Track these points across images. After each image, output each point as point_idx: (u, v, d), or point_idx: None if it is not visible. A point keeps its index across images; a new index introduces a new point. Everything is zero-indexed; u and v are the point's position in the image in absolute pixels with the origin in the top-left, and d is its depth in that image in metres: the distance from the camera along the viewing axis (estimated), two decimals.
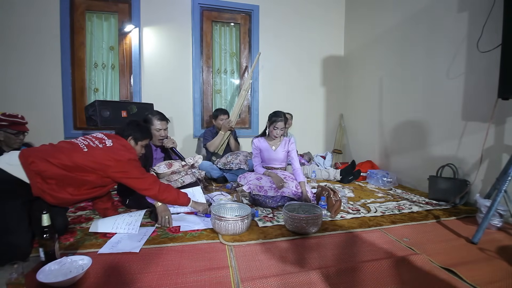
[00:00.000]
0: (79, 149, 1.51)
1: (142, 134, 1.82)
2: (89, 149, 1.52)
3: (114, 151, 1.57)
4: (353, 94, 4.02)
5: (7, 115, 2.10)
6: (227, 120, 3.12)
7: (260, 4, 3.84)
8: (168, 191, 1.68)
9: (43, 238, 1.18)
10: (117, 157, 1.54)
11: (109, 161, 1.52)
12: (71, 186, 1.47)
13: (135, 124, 1.84)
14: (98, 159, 1.50)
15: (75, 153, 1.48)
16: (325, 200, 2.01)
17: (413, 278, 1.21)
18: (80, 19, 3.33)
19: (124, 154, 1.58)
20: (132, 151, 1.67)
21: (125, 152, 1.60)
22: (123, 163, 1.55)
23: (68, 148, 1.50)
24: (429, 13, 2.72)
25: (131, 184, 1.59)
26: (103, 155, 1.53)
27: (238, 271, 1.24)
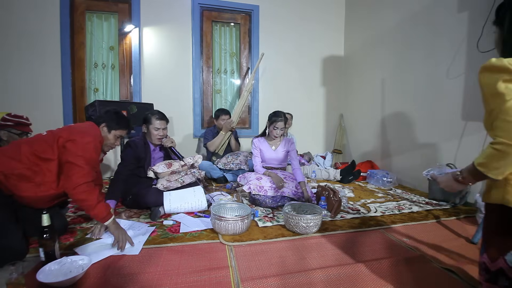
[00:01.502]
0: (38, 134, 1.50)
1: (117, 123, 1.67)
2: (49, 131, 1.50)
3: (77, 126, 1.52)
4: (353, 94, 4.02)
5: (12, 116, 2.11)
6: (228, 121, 3.12)
7: (260, 4, 3.84)
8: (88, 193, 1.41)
9: (43, 238, 1.18)
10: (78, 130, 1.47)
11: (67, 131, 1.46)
12: (31, 182, 1.38)
13: (113, 111, 1.70)
14: (58, 132, 1.46)
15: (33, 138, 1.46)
16: (325, 200, 2.01)
17: (413, 278, 1.21)
18: (80, 19, 3.33)
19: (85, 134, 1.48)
20: (97, 136, 1.54)
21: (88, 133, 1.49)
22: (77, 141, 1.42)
23: (28, 138, 1.50)
24: (429, 13, 2.72)
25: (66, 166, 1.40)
26: (63, 129, 1.49)
27: (238, 271, 1.24)
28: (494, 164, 0.81)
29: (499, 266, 0.84)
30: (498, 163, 0.80)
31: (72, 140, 1.43)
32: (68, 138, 1.43)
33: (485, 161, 0.83)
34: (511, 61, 0.79)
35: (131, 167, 2.06)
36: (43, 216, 1.19)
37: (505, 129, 0.78)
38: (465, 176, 0.93)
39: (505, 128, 0.78)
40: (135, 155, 2.10)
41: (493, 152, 0.81)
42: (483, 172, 0.84)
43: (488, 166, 0.83)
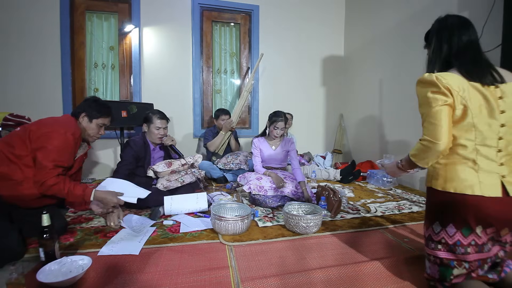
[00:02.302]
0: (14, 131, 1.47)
1: (98, 111, 1.58)
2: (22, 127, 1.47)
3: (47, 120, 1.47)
4: (353, 94, 4.02)
5: (14, 116, 2.11)
6: (228, 121, 3.12)
7: (260, 4, 3.84)
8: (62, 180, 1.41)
9: (43, 238, 1.18)
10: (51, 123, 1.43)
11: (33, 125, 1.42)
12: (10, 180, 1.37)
13: (92, 99, 1.63)
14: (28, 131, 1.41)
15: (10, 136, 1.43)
16: (325, 200, 2.01)
17: (413, 278, 1.21)
18: (80, 19, 3.33)
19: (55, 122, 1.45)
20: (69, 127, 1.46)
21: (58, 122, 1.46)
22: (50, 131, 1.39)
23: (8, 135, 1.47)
24: (429, 13, 2.72)
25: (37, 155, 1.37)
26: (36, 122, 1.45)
27: (238, 271, 1.24)
28: (421, 155, 1.06)
29: (428, 233, 1.12)
30: (424, 155, 1.05)
31: (40, 130, 1.41)
32: (36, 130, 1.41)
33: (415, 153, 1.08)
34: (439, 76, 1.00)
35: (131, 166, 2.06)
36: (43, 216, 1.19)
37: (429, 129, 1.01)
38: (404, 164, 1.18)
39: (429, 128, 1.01)
40: (135, 154, 2.10)
41: (420, 147, 1.05)
42: (414, 161, 1.08)
43: (418, 157, 1.07)
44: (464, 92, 0.99)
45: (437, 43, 1.14)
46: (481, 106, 1.00)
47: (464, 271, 1.03)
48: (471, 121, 1.00)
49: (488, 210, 0.98)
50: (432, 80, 1.01)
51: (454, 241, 1.02)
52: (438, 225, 1.07)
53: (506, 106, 1.00)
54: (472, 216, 0.99)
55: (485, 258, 1.03)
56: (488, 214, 0.98)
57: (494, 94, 1.01)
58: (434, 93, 1.01)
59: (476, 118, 1.00)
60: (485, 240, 1.02)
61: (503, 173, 1.00)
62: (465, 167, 1.02)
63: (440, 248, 1.06)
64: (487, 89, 1.00)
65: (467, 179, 1.00)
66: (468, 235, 1.01)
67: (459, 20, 1.14)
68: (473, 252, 1.01)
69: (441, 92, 0.99)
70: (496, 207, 0.98)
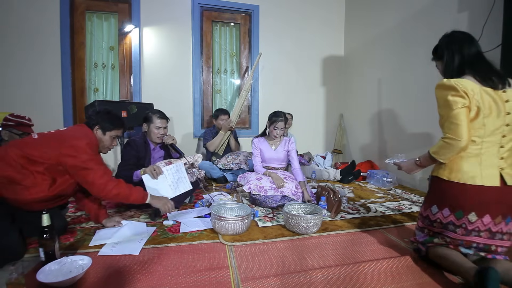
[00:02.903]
0: (29, 138, 1.44)
1: (112, 124, 1.60)
2: (39, 135, 1.44)
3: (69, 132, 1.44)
4: (353, 94, 4.02)
5: (14, 116, 2.12)
6: (227, 120, 3.12)
7: (260, 4, 3.84)
8: (119, 186, 1.50)
9: (43, 238, 1.18)
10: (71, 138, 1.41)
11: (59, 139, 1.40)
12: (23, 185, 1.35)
13: (104, 112, 1.63)
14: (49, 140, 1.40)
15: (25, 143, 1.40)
16: (325, 200, 2.01)
17: (413, 278, 1.21)
18: (80, 19, 3.33)
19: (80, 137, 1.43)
20: (92, 138, 1.51)
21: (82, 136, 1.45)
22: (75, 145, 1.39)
23: (18, 141, 1.43)
24: (429, 13, 2.72)
25: (79, 174, 1.43)
26: (55, 135, 1.42)
27: (238, 271, 1.24)
28: (443, 152, 1.19)
29: (427, 213, 1.32)
30: (446, 151, 1.18)
31: (69, 146, 1.40)
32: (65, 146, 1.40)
33: (437, 150, 1.21)
34: (457, 81, 1.15)
35: (132, 166, 2.06)
36: (43, 216, 1.19)
37: (451, 129, 1.15)
38: (422, 161, 1.32)
39: (452, 128, 1.15)
40: (136, 154, 2.10)
41: (443, 144, 1.18)
42: (436, 158, 1.22)
43: (439, 154, 1.21)
44: (478, 95, 1.14)
45: (449, 55, 1.28)
46: (491, 108, 1.15)
47: (443, 242, 1.25)
48: (482, 120, 1.15)
49: (485, 198, 1.14)
50: (452, 85, 1.15)
51: (447, 221, 1.23)
52: (436, 208, 1.27)
53: (511, 108, 1.16)
54: (468, 203, 1.16)
55: (469, 241, 1.19)
56: (484, 202, 1.15)
57: (502, 97, 1.16)
58: (453, 96, 1.15)
59: (486, 118, 1.15)
60: (478, 228, 1.17)
61: (503, 166, 1.16)
62: (470, 161, 1.17)
63: (435, 226, 1.28)
64: (496, 93, 1.16)
65: (470, 171, 1.16)
66: (460, 218, 1.19)
67: (464, 35, 1.31)
68: (460, 233, 1.20)
69: (460, 95, 1.14)
70: (493, 196, 1.14)
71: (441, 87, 1.20)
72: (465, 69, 1.22)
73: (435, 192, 1.29)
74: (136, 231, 1.63)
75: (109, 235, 1.55)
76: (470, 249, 1.19)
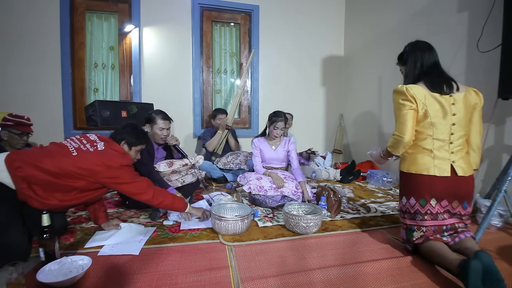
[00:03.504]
0: (68, 153, 1.42)
1: (137, 139, 1.68)
2: (79, 153, 1.44)
3: (105, 156, 1.46)
4: (353, 94, 4.02)
5: (13, 116, 2.12)
6: (224, 119, 3.13)
7: (260, 4, 3.84)
8: (163, 195, 1.60)
9: (43, 238, 1.18)
10: (108, 162, 1.44)
11: (99, 167, 1.41)
12: (58, 192, 1.39)
13: (130, 127, 1.70)
14: (88, 165, 1.40)
15: (63, 158, 1.39)
16: (325, 200, 2.01)
17: (413, 278, 1.21)
18: (80, 19, 3.33)
19: (116, 160, 1.47)
20: (126, 157, 1.57)
21: (117, 158, 1.49)
22: (114, 169, 1.45)
23: (56, 152, 1.42)
24: (429, 13, 2.72)
25: (123, 189, 1.51)
26: (93, 159, 1.43)
27: (238, 271, 1.24)
28: (394, 146, 1.42)
29: (400, 206, 1.49)
30: (395, 146, 1.41)
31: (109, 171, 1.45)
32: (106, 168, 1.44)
33: (390, 144, 1.44)
34: (407, 88, 1.37)
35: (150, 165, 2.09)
36: (43, 216, 1.19)
37: (398, 127, 1.38)
38: (384, 153, 1.53)
39: (398, 126, 1.38)
40: (148, 154, 2.11)
41: (393, 140, 1.42)
42: (390, 151, 1.45)
43: (392, 147, 1.43)
44: (425, 100, 1.35)
45: (412, 62, 1.47)
46: (438, 111, 1.35)
47: (422, 234, 1.37)
48: (429, 121, 1.36)
49: (440, 186, 1.34)
50: (402, 91, 1.38)
51: (414, 210, 1.39)
52: (404, 199, 1.44)
53: (457, 110, 1.36)
54: (427, 190, 1.35)
55: (440, 225, 1.36)
56: (440, 189, 1.34)
57: (449, 101, 1.36)
58: (403, 100, 1.37)
59: (434, 119, 1.35)
60: (440, 211, 1.35)
61: (453, 159, 1.35)
62: (424, 155, 1.37)
63: (405, 217, 1.44)
64: (443, 98, 1.36)
65: (425, 163, 1.36)
66: (424, 205, 1.36)
67: (425, 44, 1.48)
68: (429, 219, 1.36)
69: (408, 99, 1.36)
70: (447, 184, 1.34)
71: (395, 92, 1.43)
72: (422, 76, 1.43)
73: (402, 184, 1.49)
74: (134, 233, 1.63)
75: (106, 237, 1.54)
76: (445, 235, 1.35)
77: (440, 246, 1.29)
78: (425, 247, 1.33)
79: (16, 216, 1.32)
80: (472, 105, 1.38)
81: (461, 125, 1.37)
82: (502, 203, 1.76)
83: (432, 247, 1.30)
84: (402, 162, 1.46)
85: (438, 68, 1.43)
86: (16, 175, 1.29)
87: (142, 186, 1.53)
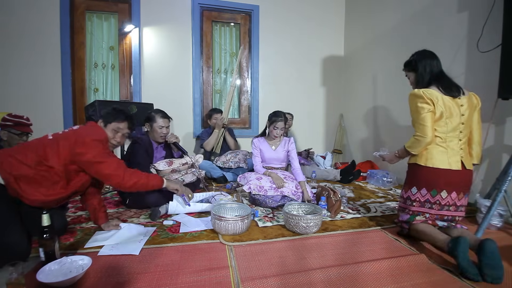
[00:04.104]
0: (44, 138, 1.45)
1: (113, 116, 1.65)
2: (54, 136, 1.46)
3: (78, 131, 1.48)
4: (353, 94, 4.02)
5: (13, 116, 2.11)
6: (219, 118, 3.15)
7: (260, 4, 3.84)
8: (137, 176, 1.55)
9: (43, 238, 1.18)
10: (81, 137, 1.43)
11: (71, 141, 1.42)
12: (42, 187, 1.38)
13: (112, 108, 1.70)
14: (61, 140, 1.41)
15: (39, 143, 1.42)
16: (325, 200, 2.01)
17: (413, 278, 1.21)
18: (80, 19, 3.33)
19: (88, 134, 1.46)
20: (101, 132, 1.54)
21: (90, 132, 1.48)
22: (86, 143, 1.42)
23: (35, 141, 1.45)
24: (429, 13, 2.72)
25: (96, 170, 1.46)
26: (66, 135, 1.45)
27: (238, 271, 1.24)
28: (415, 146, 1.54)
29: (407, 195, 1.61)
30: (417, 145, 1.53)
31: (80, 144, 1.43)
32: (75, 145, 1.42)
33: (410, 145, 1.56)
34: (424, 91, 1.50)
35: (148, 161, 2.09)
36: (43, 216, 1.19)
37: (420, 129, 1.50)
38: (400, 153, 1.67)
39: (420, 128, 1.50)
40: (145, 152, 2.12)
41: (414, 140, 1.53)
42: (409, 151, 1.57)
43: (412, 147, 1.56)
44: (440, 102, 1.49)
45: (422, 69, 1.61)
46: (451, 111, 1.51)
47: (423, 219, 1.55)
48: (444, 120, 1.51)
49: (453, 178, 1.50)
50: (420, 94, 1.50)
51: (425, 199, 1.54)
52: (415, 189, 1.57)
53: (464, 111, 1.53)
54: (441, 182, 1.49)
55: (443, 215, 1.53)
56: (452, 181, 1.50)
57: (458, 103, 1.53)
58: (422, 103, 1.50)
59: (447, 118, 1.51)
60: (449, 203, 1.51)
61: (462, 155, 1.52)
62: (439, 150, 1.52)
63: (414, 205, 1.57)
64: (454, 100, 1.52)
65: (441, 159, 1.50)
66: (435, 196, 1.51)
67: (432, 53, 1.64)
68: (436, 209, 1.53)
69: (426, 102, 1.48)
70: (458, 176, 1.50)
71: (412, 96, 1.54)
72: (432, 81, 1.57)
73: (414, 176, 1.60)
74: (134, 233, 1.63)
75: (106, 237, 1.54)
76: (444, 221, 1.56)
77: (432, 228, 1.49)
78: (418, 227, 1.52)
79: (14, 215, 1.32)
80: (474, 106, 1.57)
81: (467, 124, 1.55)
82: (502, 203, 1.76)
83: (424, 228, 1.49)
84: (417, 156, 1.56)
85: (445, 75, 1.59)
86: (2, 170, 1.32)
87: (112, 165, 1.47)
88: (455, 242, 1.26)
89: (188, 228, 1.72)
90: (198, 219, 1.86)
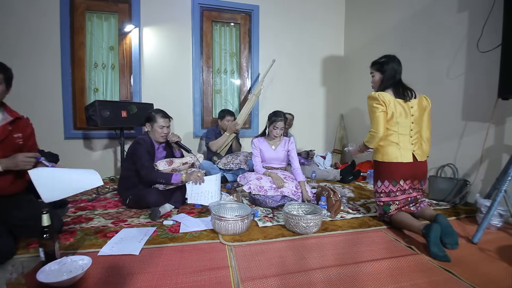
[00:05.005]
0: None
1: None
2: None
3: None
4: (353, 94, 4.02)
5: None
6: (233, 123, 3.11)
7: (260, 4, 3.83)
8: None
9: (43, 238, 1.18)
10: None
11: None
12: None
13: None
14: None
15: None
16: (325, 200, 2.01)
17: (413, 278, 1.21)
18: (80, 19, 3.33)
19: None
20: None
21: None
22: None
23: None
24: (429, 13, 2.72)
25: None
26: None
27: (238, 271, 1.24)
28: (370, 140, 1.78)
29: (375, 188, 1.86)
30: (371, 140, 1.77)
31: None
32: None
33: (367, 139, 1.80)
34: (379, 94, 1.74)
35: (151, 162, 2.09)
36: (43, 216, 1.19)
37: (374, 126, 1.75)
38: (361, 147, 1.92)
39: (374, 125, 1.75)
40: (148, 152, 2.12)
41: (369, 135, 1.78)
42: (367, 145, 1.82)
43: (368, 142, 1.80)
44: (392, 104, 1.74)
45: (389, 72, 1.82)
46: (401, 112, 1.75)
47: (396, 206, 1.76)
48: (395, 120, 1.74)
49: (406, 170, 1.74)
50: (375, 97, 1.75)
51: (389, 190, 1.76)
52: (379, 182, 1.81)
53: (414, 111, 1.77)
54: (397, 174, 1.74)
55: (407, 198, 1.76)
56: (406, 172, 1.74)
57: (409, 105, 1.76)
58: (376, 104, 1.73)
59: (398, 118, 1.74)
60: (407, 188, 1.76)
61: (414, 149, 1.76)
62: (392, 147, 1.75)
63: (382, 196, 1.79)
64: (404, 103, 1.76)
65: (394, 153, 1.74)
66: (396, 185, 1.75)
67: (399, 60, 1.86)
68: (400, 194, 1.75)
69: (380, 103, 1.72)
70: (410, 168, 1.74)
71: (369, 98, 1.78)
72: (390, 86, 1.80)
73: (377, 171, 1.85)
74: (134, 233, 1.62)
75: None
76: (411, 206, 1.77)
77: (408, 216, 1.68)
78: (397, 218, 1.72)
79: None
80: (423, 107, 1.79)
81: (417, 123, 1.78)
82: (502, 203, 1.76)
83: (402, 217, 1.69)
84: (375, 153, 1.84)
85: (402, 82, 1.83)
86: None
87: None
88: (428, 229, 1.45)
89: (188, 228, 1.72)
90: (198, 219, 1.86)
